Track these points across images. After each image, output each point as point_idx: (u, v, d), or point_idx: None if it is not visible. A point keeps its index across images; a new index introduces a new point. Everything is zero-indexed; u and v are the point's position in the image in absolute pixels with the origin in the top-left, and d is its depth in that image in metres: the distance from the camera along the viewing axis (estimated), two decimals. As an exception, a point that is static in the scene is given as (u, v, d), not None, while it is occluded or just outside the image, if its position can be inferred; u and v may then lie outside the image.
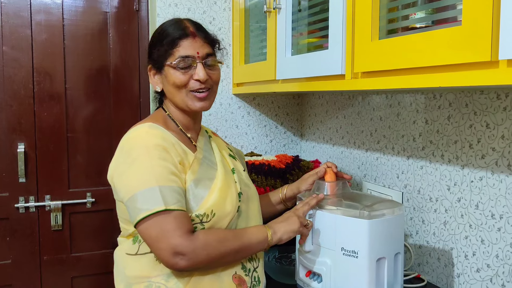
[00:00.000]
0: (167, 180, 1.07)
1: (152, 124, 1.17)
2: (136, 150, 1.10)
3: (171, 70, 1.18)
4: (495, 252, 1.22)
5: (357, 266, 1.15)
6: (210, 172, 1.19)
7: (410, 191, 1.53)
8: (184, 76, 1.18)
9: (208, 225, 1.12)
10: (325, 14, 1.37)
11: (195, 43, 1.18)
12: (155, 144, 1.10)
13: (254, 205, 1.28)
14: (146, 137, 1.13)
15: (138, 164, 1.08)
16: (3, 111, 2.05)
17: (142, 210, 1.04)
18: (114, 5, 2.19)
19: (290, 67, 1.55)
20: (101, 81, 2.20)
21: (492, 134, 1.23)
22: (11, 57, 2.04)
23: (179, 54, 1.17)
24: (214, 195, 1.14)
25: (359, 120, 1.81)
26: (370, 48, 1.12)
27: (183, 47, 1.17)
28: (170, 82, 1.19)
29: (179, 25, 1.20)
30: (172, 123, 1.24)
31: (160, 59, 1.20)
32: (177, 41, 1.17)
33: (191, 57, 1.17)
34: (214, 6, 2.12)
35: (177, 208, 1.05)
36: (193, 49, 1.18)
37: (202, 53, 1.19)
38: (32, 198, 2.11)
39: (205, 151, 1.24)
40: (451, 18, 0.96)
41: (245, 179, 1.31)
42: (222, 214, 1.14)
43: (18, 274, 2.11)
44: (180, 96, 1.20)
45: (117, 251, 1.24)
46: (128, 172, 1.09)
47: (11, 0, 2.03)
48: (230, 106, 2.19)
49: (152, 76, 1.25)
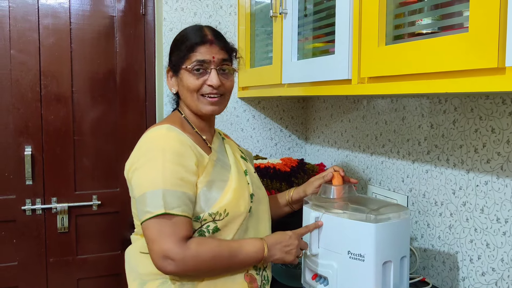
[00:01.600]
0: (174, 185, 1.10)
1: (170, 126, 1.20)
2: (152, 151, 1.14)
3: (186, 73, 1.22)
4: (500, 256, 1.23)
5: (364, 270, 1.16)
6: (224, 173, 1.22)
7: (415, 195, 1.54)
8: (198, 81, 1.22)
9: (220, 224, 1.16)
10: (331, 19, 1.38)
11: (212, 49, 1.22)
12: (171, 147, 1.14)
13: (264, 207, 1.32)
14: (164, 139, 1.16)
15: (151, 165, 1.12)
16: (11, 114, 2.07)
17: (146, 212, 1.09)
18: (121, 9, 2.21)
19: (296, 71, 1.56)
20: (107, 84, 2.22)
21: (497, 139, 1.24)
22: (18, 60, 2.06)
23: (196, 58, 1.21)
24: (228, 195, 1.18)
25: (364, 124, 1.82)
26: (377, 54, 1.13)
27: (199, 52, 1.21)
28: (184, 85, 1.23)
29: (199, 32, 1.24)
30: (188, 125, 1.27)
31: (178, 62, 1.24)
32: (195, 47, 1.21)
33: (206, 62, 1.21)
34: (220, 11, 2.14)
35: (178, 213, 1.09)
36: (209, 54, 1.21)
37: (218, 58, 1.22)
38: (38, 201, 2.13)
39: (219, 152, 1.28)
40: (458, 25, 0.97)
41: (256, 181, 1.35)
42: (235, 214, 1.18)
43: (25, 276, 2.12)
44: (192, 99, 1.24)
45: (129, 249, 1.26)
46: (140, 171, 1.14)
47: (19, 4, 2.05)
48: (235, 110, 2.20)
49: (169, 78, 1.29)
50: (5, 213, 2.09)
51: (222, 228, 1.17)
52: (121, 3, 2.20)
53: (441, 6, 1.02)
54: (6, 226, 2.10)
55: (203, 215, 1.14)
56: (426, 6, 1.06)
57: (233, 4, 2.15)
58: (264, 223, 1.30)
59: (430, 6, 1.05)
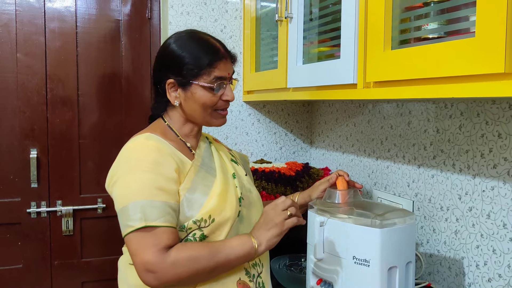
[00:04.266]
0: (153, 195, 1.07)
1: (150, 134, 1.17)
2: (129, 162, 1.13)
3: (201, 90, 1.18)
4: (506, 262, 1.22)
5: (369, 275, 1.15)
6: (208, 178, 1.19)
7: (421, 200, 1.53)
8: (215, 97, 1.19)
9: (207, 230, 1.13)
10: (336, 23, 1.38)
11: (227, 64, 1.21)
12: (148, 156, 1.11)
13: (257, 210, 1.28)
14: (141, 149, 1.14)
15: (128, 176, 1.10)
16: (17, 117, 2.08)
17: (127, 226, 1.07)
18: (127, 13, 2.22)
19: (301, 75, 1.56)
20: (113, 88, 2.22)
21: (504, 144, 1.23)
22: (25, 64, 2.07)
23: (215, 75, 1.17)
24: (212, 201, 1.15)
25: (369, 128, 1.81)
26: (383, 58, 1.13)
27: (219, 69, 1.18)
28: (197, 101, 1.18)
29: (211, 45, 1.20)
30: (171, 133, 1.23)
31: (189, 77, 1.17)
32: (213, 63, 1.17)
33: (224, 79, 1.19)
34: (225, 15, 2.14)
35: (158, 225, 1.05)
36: (226, 70, 1.20)
37: (231, 73, 1.22)
38: (43, 203, 2.13)
39: (205, 157, 1.24)
40: (464, 30, 0.97)
41: (246, 184, 1.30)
42: (221, 220, 1.15)
43: (29, 279, 2.13)
44: (205, 115, 1.21)
45: (120, 260, 1.26)
46: (118, 184, 1.12)
47: (25, 8, 2.06)
48: (240, 114, 2.20)
49: (171, 91, 1.20)
50: (10, 215, 2.10)
51: (209, 235, 1.14)
52: (127, 7, 2.22)
53: (447, 11, 1.02)
54: (11, 228, 2.10)
55: (188, 223, 1.11)
56: (432, 11, 1.06)
57: (238, 8, 2.16)
58: None
59: (437, 11, 1.05)
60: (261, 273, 1.23)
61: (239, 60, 2.16)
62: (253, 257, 1.14)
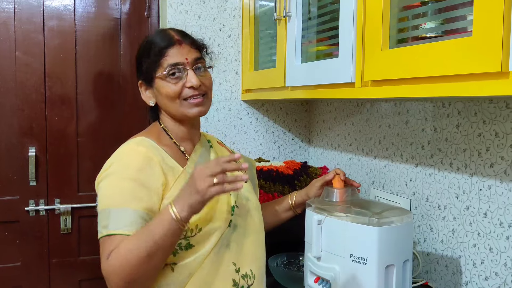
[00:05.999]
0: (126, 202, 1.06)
1: (143, 139, 1.17)
2: (114, 166, 1.12)
3: (161, 82, 1.17)
4: (503, 261, 1.23)
5: (366, 273, 1.16)
6: None
7: (419, 199, 1.54)
8: (176, 86, 1.16)
9: (193, 240, 1.11)
10: (335, 22, 1.39)
11: (182, 49, 1.16)
12: (133, 163, 1.11)
13: (255, 219, 1.26)
14: (128, 155, 1.14)
15: (109, 180, 1.10)
16: (15, 115, 2.08)
17: (98, 232, 1.08)
18: (125, 12, 2.22)
19: (300, 74, 1.56)
20: (111, 86, 2.22)
21: (501, 143, 1.23)
22: (23, 62, 2.07)
23: (168, 63, 1.15)
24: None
25: (367, 127, 1.82)
26: (381, 57, 1.13)
27: (170, 56, 1.15)
28: (163, 94, 1.17)
29: (164, 35, 1.19)
30: (165, 136, 1.22)
31: (149, 72, 1.18)
32: (164, 51, 1.15)
33: (180, 64, 1.16)
34: (224, 13, 2.14)
35: (118, 233, 1.04)
36: (181, 55, 1.16)
37: (191, 58, 1.17)
38: (42, 202, 2.13)
39: (199, 163, 1.20)
40: (462, 29, 0.97)
41: (244, 191, 1.27)
42: (209, 230, 1.13)
43: (27, 277, 2.13)
44: (175, 107, 1.18)
45: None
46: (100, 186, 1.12)
47: (24, 6, 2.06)
48: (238, 112, 2.21)
49: (144, 92, 1.23)
50: (9, 213, 2.09)
51: (196, 244, 1.11)
52: (125, 6, 2.22)
53: (445, 10, 1.03)
54: (10, 226, 2.10)
55: None
56: (430, 10, 1.06)
57: (237, 7, 2.16)
58: (252, 237, 1.22)
59: (434, 10, 1.05)
60: (252, 285, 1.20)
61: (238, 59, 2.16)
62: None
